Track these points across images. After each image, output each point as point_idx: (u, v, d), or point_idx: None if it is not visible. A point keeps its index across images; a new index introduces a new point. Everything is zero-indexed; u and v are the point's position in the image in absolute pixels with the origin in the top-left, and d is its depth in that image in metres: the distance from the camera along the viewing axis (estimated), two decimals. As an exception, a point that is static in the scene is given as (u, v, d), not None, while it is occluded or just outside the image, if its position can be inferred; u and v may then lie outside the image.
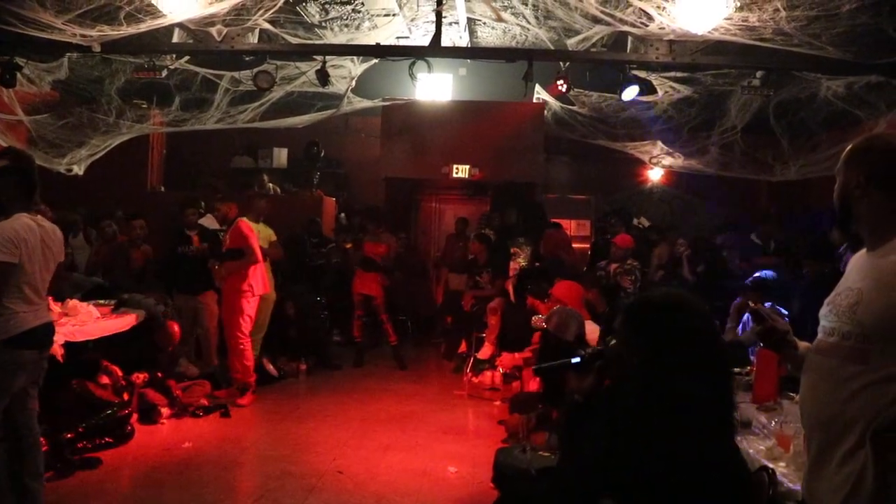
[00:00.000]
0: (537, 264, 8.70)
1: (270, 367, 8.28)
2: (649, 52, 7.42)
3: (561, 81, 8.37)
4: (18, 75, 8.35)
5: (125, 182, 11.53)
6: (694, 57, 7.44)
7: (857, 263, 2.33)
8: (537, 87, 10.17)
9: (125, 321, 6.48)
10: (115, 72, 9.02)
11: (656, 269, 9.43)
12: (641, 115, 10.12)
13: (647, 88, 8.74)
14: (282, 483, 5.22)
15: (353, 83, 9.63)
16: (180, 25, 7.50)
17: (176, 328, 7.20)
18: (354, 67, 9.33)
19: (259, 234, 8.41)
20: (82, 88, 9.45)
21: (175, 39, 7.92)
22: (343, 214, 12.78)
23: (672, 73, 8.56)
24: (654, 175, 12.79)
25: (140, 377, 6.57)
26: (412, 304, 11.14)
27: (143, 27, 7.00)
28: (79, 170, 9.81)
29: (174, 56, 8.66)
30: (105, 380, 6.13)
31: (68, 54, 8.38)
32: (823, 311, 2.33)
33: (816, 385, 2.28)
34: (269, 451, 5.97)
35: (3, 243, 3.93)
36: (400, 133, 11.11)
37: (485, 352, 8.14)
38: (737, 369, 4.87)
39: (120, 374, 6.31)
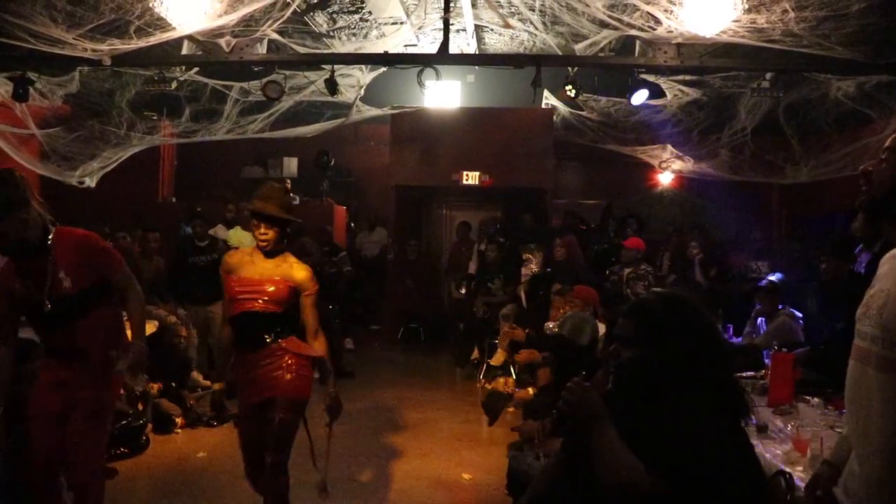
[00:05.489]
0: (548, 270, 8.68)
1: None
2: (657, 55, 7.41)
3: (569, 87, 8.38)
4: (31, 90, 8.42)
5: (136, 194, 11.58)
6: (702, 60, 7.43)
7: (892, 263, 2.21)
8: (546, 93, 10.17)
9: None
10: (125, 84, 9.08)
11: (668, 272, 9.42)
12: (651, 118, 10.10)
13: (656, 92, 8.72)
14: (296, 492, 5.19)
15: (362, 92, 9.66)
16: (189, 38, 7.53)
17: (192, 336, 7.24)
18: (363, 76, 9.36)
19: None
20: (93, 101, 9.50)
21: (184, 51, 7.96)
22: (352, 224, 12.84)
23: (681, 77, 8.55)
24: (665, 179, 12.76)
25: (154, 387, 6.60)
26: (423, 312, 11.14)
27: (153, 40, 7.04)
28: (91, 182, 9.87)
29: (184, 68, 8.70)
30: (120, 390, 6.15)
31: (79, 68, 8.43)
32: (859, 312, 2.23)
33: (855, 393, 2.19)
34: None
35: None
36: (409, 141, 11.12)
37: (497, 358, 8.12)
38: (751, 373, 4.85)
39: (134, 384, 6.32)
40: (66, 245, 3.71)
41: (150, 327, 6.70)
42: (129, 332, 4.04)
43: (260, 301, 3.98)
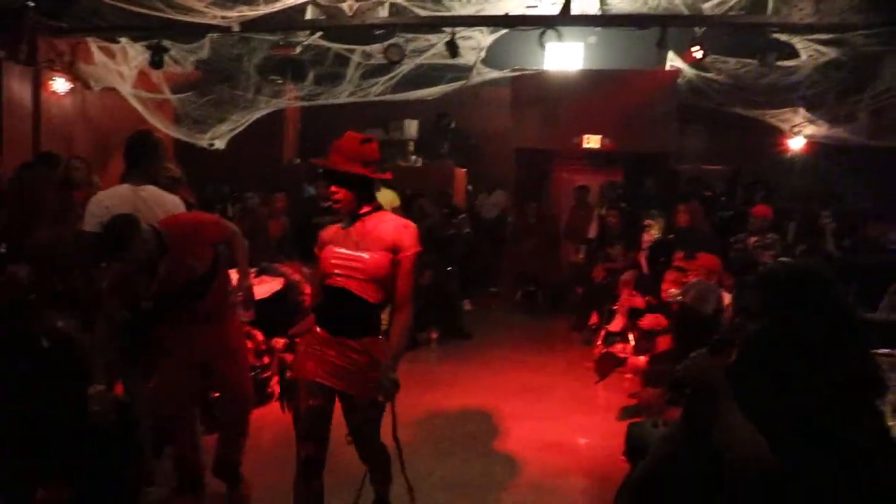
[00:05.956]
0: (671, 236, 8.48)
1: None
2: (793, 12, 7.06)
3: (696, 48, 8.08)
4: (165, 57, 8.84)
5: (262, 156, 11.95)
6: (843, 16, 7.01)
7: None
8: (671, 54, 9.87)
9: (269, 287, 6.76)
10: (252, 50, 9.39)
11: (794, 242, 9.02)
12: (782, 80, 9.64)
13: (789, 52, 8.30)
14: (414, 448, 5.32)
15: (483, 54, 9.61)
16: (313, 2, 7.71)
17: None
18: (483, 38, 9.32)
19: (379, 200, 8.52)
20: (223, 67, 9.87)
21: (308, 16, 8.13)
22: (471, 187, 12.87)
23: (817, 35, 8.10)
24: (796, 144, 12.18)
25: (280, 342, 6.85)
26: (542, 275, 11.10)
27: (279, 6, 7.24)
28: (220, 144, 10.30)
29: (308, 32, 8.89)
30: (248, 343, 6.42)
31: (209, 35, 8.76)
32: None
33: None
34: (401, 417, 6.09)
35: (87, 215, 4.20)
36: (530, 103, 11.02)
37: (616, 324, 8.02)
38: (889, 350, 4.61)
39: (261, 338, 6.59)
40: (181, 233, 4.03)
41: (276, 284, 6.97)
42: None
43: (356, 278, 3.43)
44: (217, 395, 4.87)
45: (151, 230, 3.89)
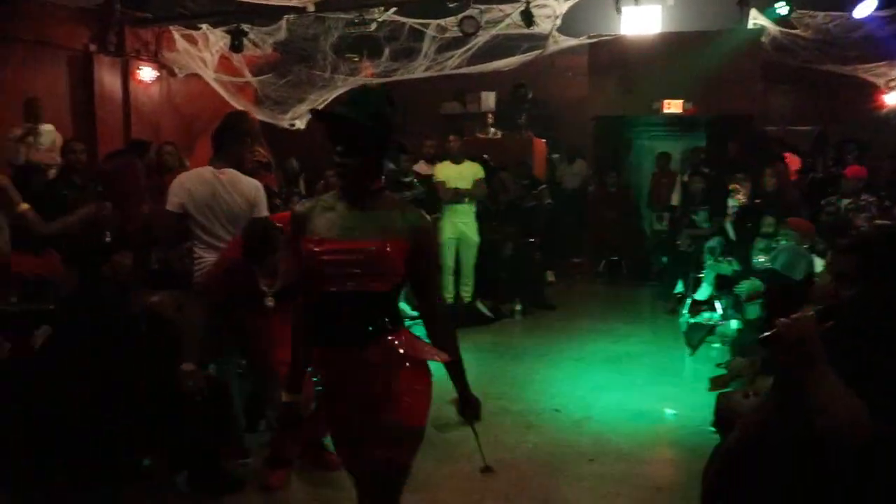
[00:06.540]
0: (757, 201, 8.26)
1: (484, 310, 8.49)
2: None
3: (781, 3, 7.80)
4: (245, 40, 9.04)
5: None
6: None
7: None
8: (753, 12, 9.56)
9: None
10: (328, 29, 9.49)
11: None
12: (877, 32, 9.22)
13: (885, 1, 7.92)
14: (501, 419, 5.36)
15: (558, 22, 9.49)
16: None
17: None
18: (558, 6, 9.19)
19: (462, 172, 8.49)
20: (300, 47, 10.02)
21: (382, -8, 8.18)
22: (555, 155, 12.73)
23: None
24: (892, 99, 11.65)
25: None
26: (625, 245, 10.99)
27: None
28: (300, 124, 10.48)
29: (382, 9, 8.94)
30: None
31: (286, 16, 8.90)
32: None
33: None
34: (486, 389, 6.06)
35: (169, 195, 4.36)
36: (608, 70, 10.84)
37: (703, 292, 7.89)
38: None
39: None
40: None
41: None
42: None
43: (357, 274, 2.42)
44: None
45: (278, 229, 4.01)
